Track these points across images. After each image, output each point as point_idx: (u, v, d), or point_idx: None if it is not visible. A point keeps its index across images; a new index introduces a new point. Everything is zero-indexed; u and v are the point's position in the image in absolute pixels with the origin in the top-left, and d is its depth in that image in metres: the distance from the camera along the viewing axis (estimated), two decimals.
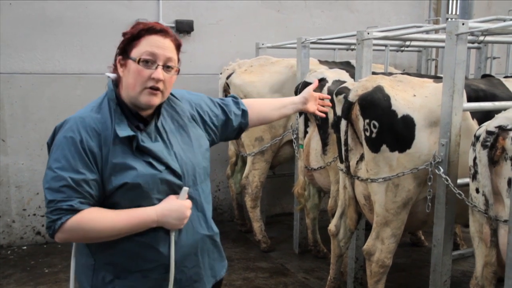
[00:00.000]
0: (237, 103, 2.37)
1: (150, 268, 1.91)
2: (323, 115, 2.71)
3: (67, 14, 5.32)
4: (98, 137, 1.83)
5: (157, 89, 1.88)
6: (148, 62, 1.86)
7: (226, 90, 5.22)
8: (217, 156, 6.04)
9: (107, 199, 1.85)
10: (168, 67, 1.91)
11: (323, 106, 2.67)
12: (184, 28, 5.74)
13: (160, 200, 1.90)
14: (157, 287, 1.93)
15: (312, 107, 2.59)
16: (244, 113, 2.37)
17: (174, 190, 1.93)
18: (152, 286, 1.93)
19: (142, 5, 5.62)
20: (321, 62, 5.37)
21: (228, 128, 2.32)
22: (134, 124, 1.90)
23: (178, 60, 1.98)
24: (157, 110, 1.98)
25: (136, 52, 1.87)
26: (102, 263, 1.91)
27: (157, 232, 1.89)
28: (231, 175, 5.74)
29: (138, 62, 1.85)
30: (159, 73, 1.86)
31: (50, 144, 1.93)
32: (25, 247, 5.31)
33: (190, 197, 1.96)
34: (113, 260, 1.90)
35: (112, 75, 1.98)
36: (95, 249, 1.91)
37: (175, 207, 1.89)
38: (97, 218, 1.80)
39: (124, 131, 1.85)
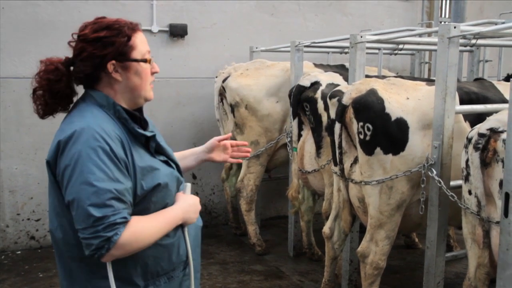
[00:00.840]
0: None
1: (173, 268, 1.93)
2: (239, 161, 2.57)
3: (60, 18, 5.31)
4: (121, 143, 1.76)
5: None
6: (146, 60, 1.89)
7: (222, 93, 5.23)
8: None
9: (137, 206, 1.78)
10: None
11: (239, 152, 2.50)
12: (178, 32, 5.75)
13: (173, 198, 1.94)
14: (179, 285, 1.97)
15: (219, 156, 2.43)
16: None
17: (178, 187, 1.98)
18: (176, 285, 1.95)
19: (136, 9, 5.63)
20: (316, 65, 5.39)
21: None
22: (137, 125, 1.89)
23: None
24: (141, 111, 1.97)
25: (137, 53, 1.85)
26: (126, 279, 1.81)
27: (176, 231, 1.91)
28: (226, 178, 5.74)
29: (147, 62, 1.87)
30: (156, 66, 1.92)
31: (52, 161, 1.77)
32: (19, 252, 5.28)
33: (184, 192, 2.02)
34: (141, 269, 1.84)
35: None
36: (119, 263, 1.76)
37: (191, 202, 1.95)
38: (145, 226, 1.74)
39: (145, 132, 1.86)
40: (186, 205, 1.92)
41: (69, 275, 1.87)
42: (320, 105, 4.20)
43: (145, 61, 1.86)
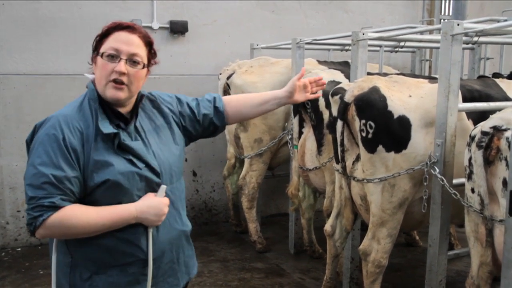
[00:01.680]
0: (210, 101, 2.35)
1: (128, 263, 1.97)
2: (318, 95, 2.54)
3: (60, 15, 5.29)
4: (81, 135, 1.87)
5: (121, 82, 1.92)
6: (113, 56, 1.92)
7: (226, 90, 5.21)
8: (212, 156, 6.04)
9: (88, 197, 1.89)
10: (134, 62, 1.95)
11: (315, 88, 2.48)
12: (178, 28, 5.73)
13: (139, 197, 1.96)
14: (135, 282, 1.99)
15: (301, 97, 2.42)
16: (218, 111, 2.33)
17: (153, 187, 1.99)
18: (130, 280, 1.98)
19: (136, 6, 5.61)
20: (319, 62, 5.37)
21: (198, 127, 2.31)
22: (115, 123, 1.96)
23: (151, 57, 2.06)
24: (135, 110, 2.04)
25: (103, 48, 1.94)
26: (80, 259, 1.94)
27: (137, 228, 1.95)
28: (228, 175, 5.73)
29: (102, 56, 1.92)
30: (121, 66, 1.91)
31: (29, 142, 1.93)
32: (19, 249, 5.28)
33: (166, 195, 2.02)
34: (91, 256, 1.93)
35: (91, 76, 2.04)
36: (73, 246, 1.93)
37: (153, 204, 1.96)
38: (79, 215, 1.83)
39: (107, 128, 1.91)
40: (144, 206, 1.93)
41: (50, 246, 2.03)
42: (321, 102, 4.19)
43: (101, 55, 1.93)
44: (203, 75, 5.98)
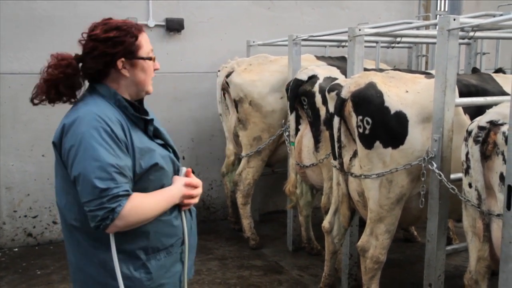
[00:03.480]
0: None
1: (171, 244, 2.08)
2: None
3: (56, 13, 5.27)
4: (121, 126, 1.92)
5: None
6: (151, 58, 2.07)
7: (225, 88, 5.19)
8: (209, 154, 6.03)
9: (136, 184, 1.93)
10: None
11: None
12: (174, 26, 5.71)
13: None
14: (177, 260, 2.12)
15: None
16: None
17: (175, 171, 2.11)
18: (174, 260, 2.10)
19: (132, 3, 5.58)
20: (318, 57, 5.36)
21: None
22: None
23: None
24: (141, 100, 2.16)
25: (144, 52, 2.03)
26: (130, 250, 1.96)
27: (172, 209, 2.05)
28: (226, 173, 5.71)
29: (151, 59, 2.06)
30: (158, 64, 2.12)
31: (58, 143, 1.92)
32: (16, 249, 5.26)
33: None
34: (142, 244, 1.98)
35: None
36: (123, 239, 1.92)
37: (186, 183, 2.09)
38: (145, 202, 1.90)
39: (141, 115, 2.03)
40: (182, 186, 2.07)
41: (76, 249, 2.00)
42: (318, 99, 4.18)
43: (150, 59, 2.05)
44: (199, 72, 5.97)
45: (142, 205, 1.87)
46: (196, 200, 2.12)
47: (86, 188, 1.80)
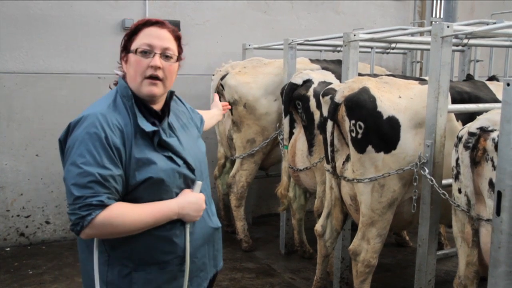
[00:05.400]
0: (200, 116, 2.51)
1: (167, 260, 1.97)
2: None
3: (51, 13, 5.27)
4: (121, 133, 1.86)
5: (156, 77, 1.94)
6: (146, 52, 1.93)
7: (220, 91, 5.20)
8: None
9: (129, 194, 1.89)
10: (167, 56, 1.97)
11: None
12: None
13: (177, 194, 1.98)
14: (172, 279, 2.00)
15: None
16: (202, 125, 2.49)
17: (188, 184, 2.03)
18: (168, 278, 1.98)
19: (128, 4, 5.59)
20: (312, 61, 5.38)
21: None
22: (149, 121, 1.96)
23: (180, 52, 2.07)
24: (167, 106, 2.07)
25: (134, 45, 1.94)
26: (118, 257, 1.93)
27: (174, 225, 1.96)
28: (219, 176, 5.73)
29: (136, 52, 1.93)
30: (156, 60, 1.92)
31: (63, 141, 1.92)
32: (8, 249, 5.24)
33: (200, 191, 2.07)
34: (130, 254, 1.92)
35: (120, 73, 2.04)
36: (110, 244, 1.91)
37: (193, 199, 1.99)
38: (125, 213, 1.83)
39: (147, 126, 1.92)
40: (185, 202, 1.96)
41: (79, 243, 2.01)
42: (312, 103, 4.20)
43: (134, 51, 1.93)
44: (195, 74, 5.97)
45: (120, 217, 1.81)
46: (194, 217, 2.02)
47: (67, 192, 1.81)
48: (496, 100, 3.62)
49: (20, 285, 4.39)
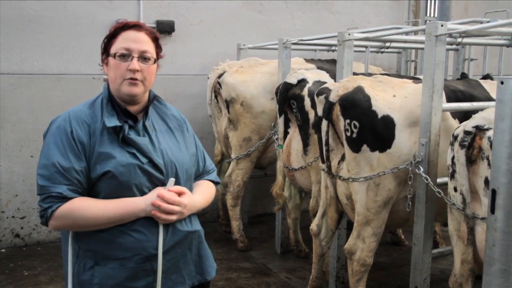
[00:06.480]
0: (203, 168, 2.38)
1: (127, 257, 1.97)
2: None
3: (45, 14, 5.25)
4: (88, 128, 1.96)
5: (136, 79, 2.01)
6: (125, 55, 2.00)
7: (216, 90, 5.19)
8: None
9: (92, 188, 1.96)
10: (145, 58, 2.03)
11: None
12: (165, 28, 5.71)
13: (142, 192, 1.98)
14: (133, 277, 1.98)
15: None
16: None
17: (155, 183, 2.01)
18: (129, 275, 1.97)
19: (123, 5, 5.58)
20: (307, 60, 5.39)
21: None
22: (122, 119, 2.03)
23: (159, 51, 2.12)
24: (145, 109, 2.11)
25: (113, 49, 2.02)
26: (85, 249, 1.98)
27: (136, 222, 1.97)
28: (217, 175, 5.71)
29: (115, 56, 2.00)
30: (134, 64, 1.99)
31: (45, 136, 2.03)
32: (3, 250, 5.22)
33: None
34: (93, 247, 1.97)
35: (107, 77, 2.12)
36: (79, 236, 1.98)
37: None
38: (87, 207, 1.90)
39: (112, 122, 1.99)
40: (153, 199, 1.95)
41: (64, 239, 2.05)
42: (307, 102, 4.21)
43: (113, 56, 2.00)
44: (189, 75, 5.97)
45: (83, 210, 1.89)
46: (171, 217, 1.97)
47: (36, 181, 1.93)
48: (490, 99, 3.64)
49: (16, 286, 4.38)
